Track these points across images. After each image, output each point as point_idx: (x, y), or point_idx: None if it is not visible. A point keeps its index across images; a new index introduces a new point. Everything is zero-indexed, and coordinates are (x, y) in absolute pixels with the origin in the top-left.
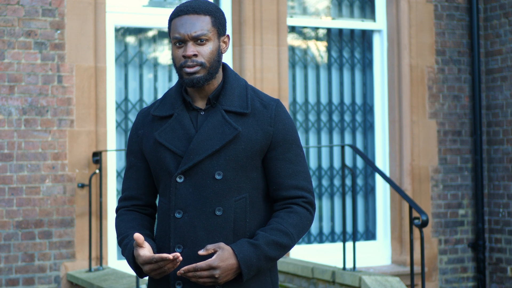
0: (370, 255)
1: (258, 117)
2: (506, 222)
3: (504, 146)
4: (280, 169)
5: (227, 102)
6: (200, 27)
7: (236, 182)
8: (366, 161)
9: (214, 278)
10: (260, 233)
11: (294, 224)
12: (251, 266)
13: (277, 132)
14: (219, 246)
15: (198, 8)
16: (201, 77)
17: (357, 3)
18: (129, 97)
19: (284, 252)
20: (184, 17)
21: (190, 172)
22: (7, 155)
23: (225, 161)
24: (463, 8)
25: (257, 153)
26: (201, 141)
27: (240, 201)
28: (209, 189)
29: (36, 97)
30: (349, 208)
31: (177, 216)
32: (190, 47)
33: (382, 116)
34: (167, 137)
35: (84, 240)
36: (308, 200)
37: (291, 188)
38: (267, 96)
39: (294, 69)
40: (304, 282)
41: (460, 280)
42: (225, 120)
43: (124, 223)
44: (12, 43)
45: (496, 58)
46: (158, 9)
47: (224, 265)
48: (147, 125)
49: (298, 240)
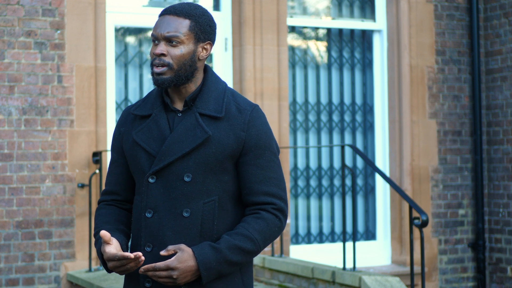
0: (370, 255)
1: (232, 121)
2: (506, 222)
3: (504, 146)
4: (251, 174)
5: (202, 105)
6: (174, 29)
7: (205, 185)
8: (366, 161)
9: (173, 279)
10: (223, 237)
11: (260, 230)
12: (210, 269)
13: (250, 137)
14: (179, 248)
15: (180, 10)
16: (167, 78)
17: (357, 3)
18: (129, 97)
19: (248, 258)
20: (165, 17)
21: (162, 173)
22: (7, 155)
23: (195, 164)
24: (463, 8)
25: (228, 157)
26: (173, 143)
27: (209, 204)
28: (178, 191)
29: (36, 97)
30: (349, 208)
31: (148, 215)
32: (160, 46)
33: (382, 116)
34: (143, 137)
35: (84, 240)
36: (277, 207)
37: (260, 194)
38: (245, 101)
39: (294, 69)
40: (304, 282)
41: (460, 280)
42: (198, 123)
43: (101, 217)
44: (12, 43)
45: (496, 58)
46: (158, 9)
47: (182, 266)
48: (129, 124)
49: (264, 246)
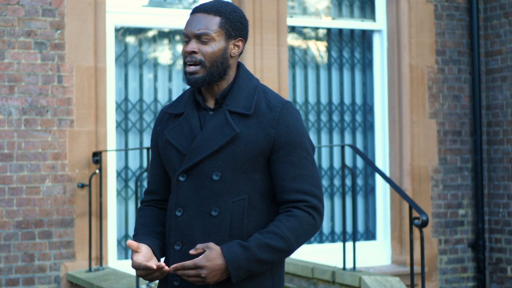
0: (370, 255)
1: (261, 118)
2: (506, 222)
3: (504, 146)
4: (282, 172)
5: (232, 102)
6: (205, 26)
7: (235, 184)
8: (366, 161)
9: (201, 278)
10: (254, 235)
11: (291, 228)
12: (239, 268)
13: (279, 134)
14: (207, 246)
15: (210, 8)
16: (200, 77)
17: (357, 3)
18: (129, 97)
19: (280, 256)
20: (195, 15)
21: (191, 172)
22: (7, 155)
23: (223, 162)
24: (463, 8)
25: (258, 155)
26: (202, 141)
27: (238, 202)
28: (207, 190)
29: (36, 97)
30: (349, 208)
31: (178, 214)
32: (191, 44)
33: (382, 116)
34: (175, 136)
35: (84, 240)
36: (310, 204)
37: (292, 191)
38: (276, 98)
39: (294, 69)
40: (304, 282)
41: (460, 280)
42: (226, 121)
43: (140, 219)
44: (12, 43)
45: (496, 58)
46: (158, 9)
47: (210, 265)
48: (164, 123)
49: (297, 244)
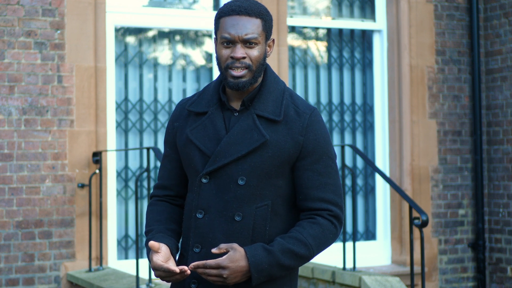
0: (370, 255)
1: (290, 125)
2: (506, 222)
3: (504, 146)
4: (307, 179)
5: (260, 106)
6: (252, 30)
7: (259, 189)
8: (366, 161)
9: (223, 278)
10: (277, 240)
11: (315, 235)
12: (262, 271)
13: (308, 142)
14: (232, 247)
15: (251, 10)
16: (247, 81)
17: (357, 3)
18: (129, 97)
19: (300, 263)
20: (235, 17)
21: (215, 174)
22: (7, 155)
23: (250, 167)
24: (463, 8)
25: (284, 161)
26: (229, 144)
27: (262, 208)
28: (231, 194)
29: (36, 97)
30: (349, 208)
31: (198, 216)
32: (239, 49)
33: (382, 116)
34: (198, 136)
35: (84, 240)
36: (334, 214)
37: (317, 200)
38: (304, 104)
39: (294, 69)
40: (304, 282)
41: (460, 280)
42: (255, 125)
43: (153, 215)
44: (12, 43)
45: (496, 58)
46: (158, 9)
47: (233, 266)
48: (183, 119)
49: (317, 252)
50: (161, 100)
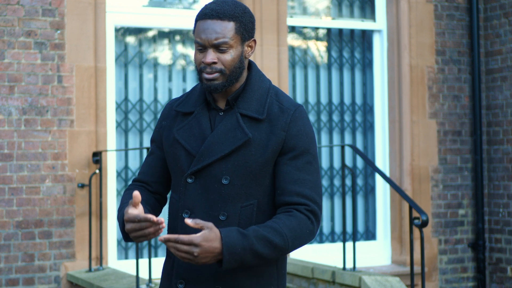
0: (370, 255)
1: (273, 122)
2: (506, 222)
3: (504, 146)
4: (286, 174)
5: (244, 105)
6: (222, 35)
7: (244, 188)
8: (366, 161)
9: (192, 256)
10: (252, 227)
11: (291, 227)
12: (234, 255)
13: (289, 137)
14: (207, 226)
15: (223, 13)
16: (219, 84)
17: (357, 3)
18: (129, 97)
19: (275, 253)
20: (207, 22)
21: (200, 174)
22: (7, 155)
23: (234, 166)
24: (463, 8)
25: (269, 159)
26: (213, 143)
27: (247, 207)
28: (215, 193)
29: (36, 97)
30: (349, 208)
31: (184, 216)
32: (209, 54)
33: (382, 116)
34: (184, 135)
35: (84, 240)
36: (310, 209)
37: (294, 194)
38: (288, 101)
39: (294, 69)
40: (304, 282)
41: (460, 280)
42: (238, 124)
43: (128, 196)
44: (12, 43)
45: (496, 58)
46: (158, 9)
47: (206, 245)
48: (171, 119)
49: (293, 245)
50: (161, 100)
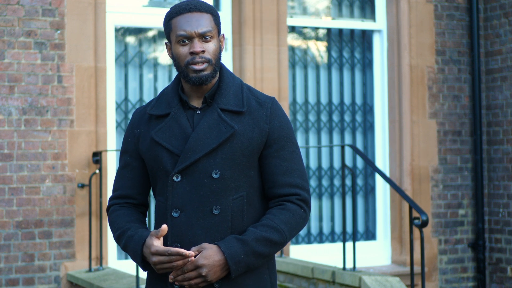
0: (370, 255)
1: (254, 115)
2: (506, 222)
3: (504, 146)
4: (274, 166)
5: (223, 101)
6: (205, 24)
7: (234, 181)
8: (366, 161)
9: (203, 277)
10: (249, 229)
11: (286, 221)
12: (239, 262)
13: (273, 129)
14: (201, 247)
15: (200, 6)
16: (209, 74)
17: (357, 3)
18: (129, 97)
19: (276, 249)
20: (187, 15)
21: (187, 171)
22: (7, 155)
23: (222, 159)
24: (463, 8)
25: (254, 151)
26: (198, 139)
27: (238, 199)
28: (206, 188)
29: (36, 97)
30: (349, 208)
31: (174, 215)
32: (197, 44)
33: (382, 116)
34: (164, 136)
35: (84, 240)
36: (301, 198)
37: (285, 185)
38: (262, 95)
39: (294, 69)
40: (304, 282)
41: (460, 280)
42: (221, 119)
43: (122, 218)
44: (12, 43)
45: (496, 58)
46: (158, 9)
47: (209, 262)
48: (144, 124)
49: (290, 237)
50: None
